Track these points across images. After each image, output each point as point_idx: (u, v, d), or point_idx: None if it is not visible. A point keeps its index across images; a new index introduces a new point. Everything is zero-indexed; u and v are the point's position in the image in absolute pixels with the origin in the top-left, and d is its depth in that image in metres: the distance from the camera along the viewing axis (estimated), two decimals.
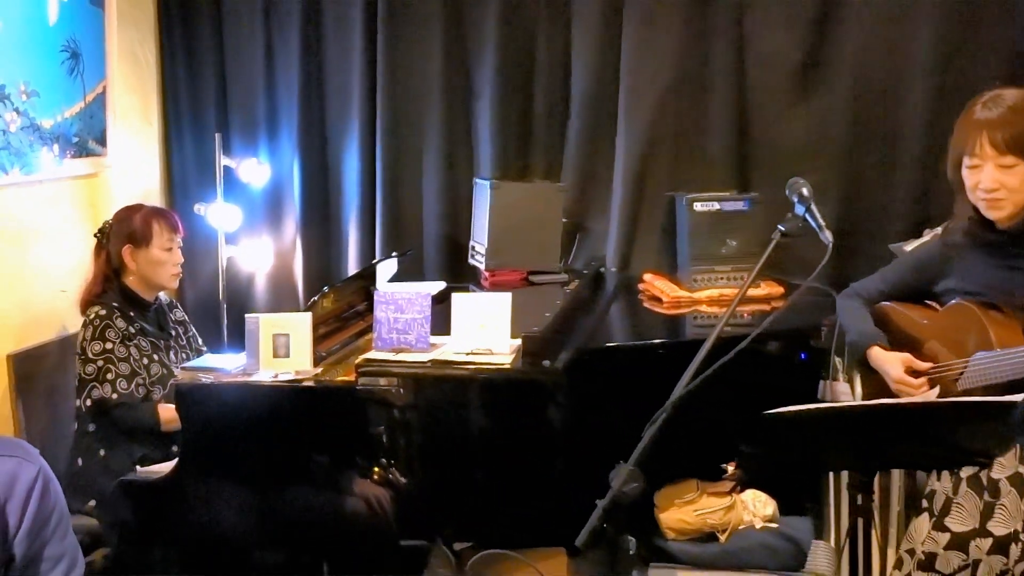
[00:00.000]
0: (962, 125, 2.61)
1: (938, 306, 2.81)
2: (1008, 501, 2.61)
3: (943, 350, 2.67)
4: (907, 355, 2.73)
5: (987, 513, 2.64)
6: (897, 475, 3.60)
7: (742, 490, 3.18)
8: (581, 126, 4.25)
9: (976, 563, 2.63)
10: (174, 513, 2.98)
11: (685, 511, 3.16)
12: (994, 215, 2.59)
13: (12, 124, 3.54)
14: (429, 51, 4.30)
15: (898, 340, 2.79)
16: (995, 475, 2.62)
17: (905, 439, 2.19)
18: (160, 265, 3.49)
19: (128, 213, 3.54)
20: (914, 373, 2.70)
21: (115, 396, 3.32)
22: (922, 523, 2.75)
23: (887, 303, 2.90)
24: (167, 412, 3.31)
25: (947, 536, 2.68)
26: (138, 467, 3.10)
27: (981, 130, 2.54)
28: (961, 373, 2.60)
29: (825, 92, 4.11)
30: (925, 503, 2.77)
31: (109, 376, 3.32)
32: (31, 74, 3.62)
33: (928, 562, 2.70)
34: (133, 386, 3.35)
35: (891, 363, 2.73)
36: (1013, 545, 2.60)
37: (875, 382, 2.83)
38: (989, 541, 2.63)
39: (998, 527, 2.62)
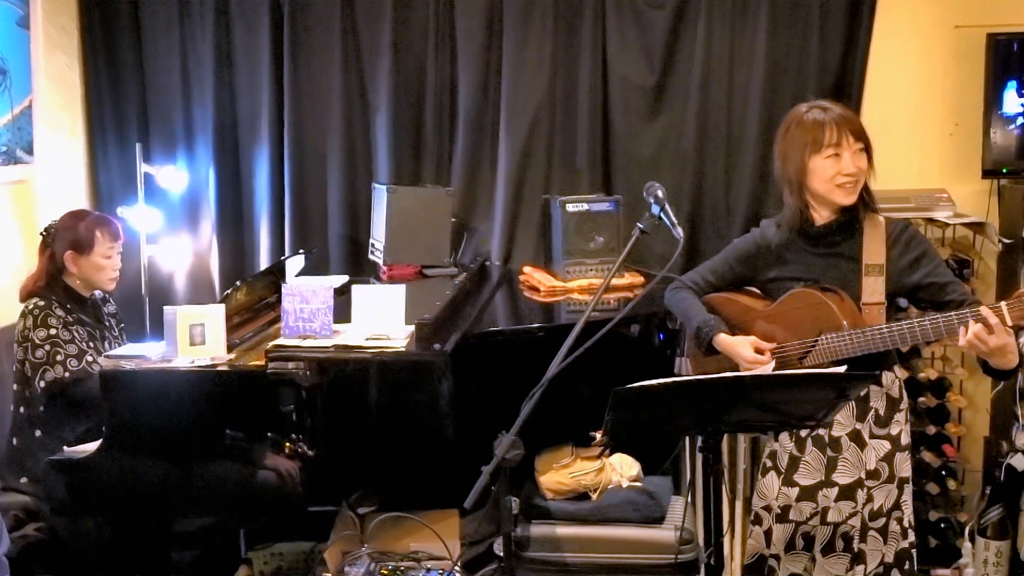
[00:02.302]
0: (807, 127, 2.60)
1: (760, 292, 2.81)
2: (849, 454, 2.66)
3: (779, 332, 2.68)
4: (753, 337, 2.71)
5: (831, 466, 2.68)
6: (743, 438, 3.66)
7: (610, 454, 3.18)
8: (467, 137, 4.21)
9: (825, 510, 2.68)
10: (99, 487, 2.86)
11: (561, 474, 3.15)
12: (848, 200, 2.60)
13: None
14: (330, 70, 4.21)
15: (736, 325, 2.78)
16: (835, 433, 2.66)
17: (740, 407, 2.21)
18: (101, 270, 3.35)
19: (74, 220, 3.37)
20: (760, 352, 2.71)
21: (67, 375, 3.17)
22: (771, 481, 2.76)
23: (716, 294, 2.86)
24: None
25: (796, 490, 2.70)
26: (66, 447, 2.97)
27: (841, 125, 2.57)
28: (808, 351, 2.62)
29: (675, 110, 4.16)
30: (769, 462, 2.79)
31: (59, 357, 3.17)
32: None
33: (784, 514, 2.73)
34: (83, 363, 3.19)
35: (741, 345, 2.69)
36: (859, 490, 2.65)
37: (709, 365, 2.80)
38: (835, 490, 2.67)
39: (842, 477, 2.66)
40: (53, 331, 3.20)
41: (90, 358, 3.22)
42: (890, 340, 2.49)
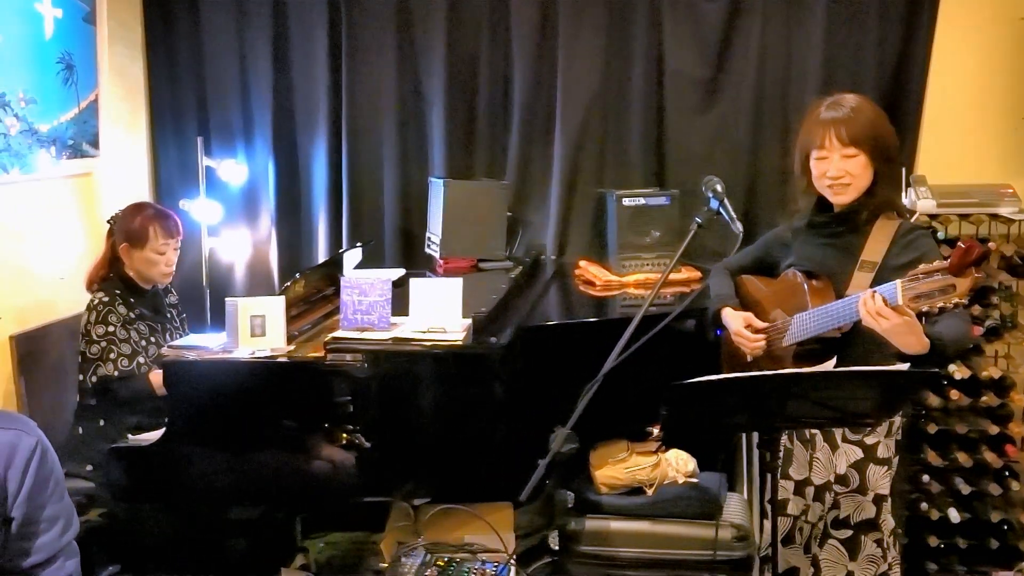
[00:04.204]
0: (809, 124, 2.65)
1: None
2: (822, 455, 2.64)
3: (779, 313, 2.71)
4: (749, 314, 2.77)
5: (809, 464, 2.67)
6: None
7: (666, 449, 3.18)
8: (521, 131, 4.22)
9: (807, 508, 2.66)
10: (161, 475, 2.92)
11: (617, 468, 3.15)
12: (840, 199, 2.62)
13: (12, 128, 3.42)
14: (386, 64, 4.23)
15: (748, 304, 2.85)
16: (813, 430, 2.65)
17: (795, 403, 2.20)
18: (153, 265, 3.39)
19: (133, 213, 3.42)
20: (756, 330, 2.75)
21: (116, 373, 3.23)
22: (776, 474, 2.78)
23: (745, 275, 2.94)
24: (158, 377, 3.24)
25: (791, 483, 2.71)
26: (129, 435, 3.03)
27: (828, 126, 2.57)
28: (786, 331, 2.64)
29: (729, 102, 4.13)
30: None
31: (112, 355, 3.24)
32: (29, 83, 3.50)
33: (782, 507, 2.72)
34: (134, 365, 3.26)
35: (734, 319, 2.79)
36: (827, 494, 2.63)
37: (729, 343, 2.87)
38: (812, 489, 2.66)
39: (816, 477, 2.66)
40: (112, 328, 3.26)
41: (141, 359, 3.29)
42: (826, 320, 2.49)
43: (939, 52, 3.95)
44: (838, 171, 2.57)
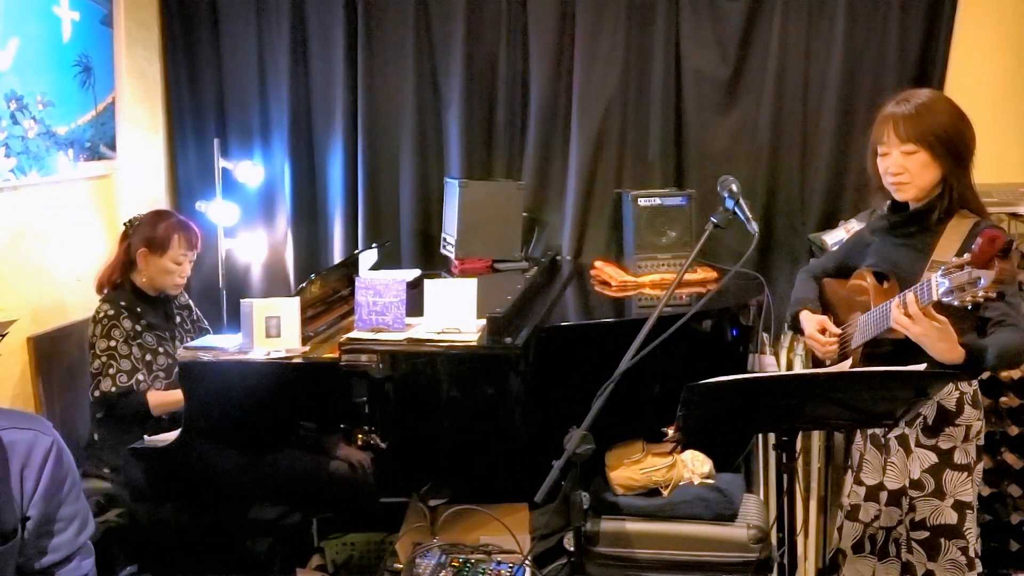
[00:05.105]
0: (878, 119, 2.63)
1: None
2: (897, 459, 2.62)
3: (855, 314, 2.70)
4: (825, 318, 2.77)
5: (884, 469, 2.65)
6: (817, 436, 3.61)
7: (682, 450, 3.16)
8: (538, 132, 4.22)
9: (880, 513, 2.64)
10: (176, 475, 2.94)
11: (632, 469, 3.14)
12: (902, 196, 2.60)
13: (30, 131, 3.45)
14: (403, 66, 4.25)
15: (828, 307, 2.86)
16: (889, 434, 2.63)
17: (815, 404, 2.19)
18: (168, 274, 3.41)
19: (155, 218, 3.44)
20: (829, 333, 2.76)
21: (114, 389, 3.25)
22: (848, 479, 2.78)
23: (827, 279, 2.93)
24: (156, 397, 3.27)
25: (863, 489, 2.69)
26: (146, 436, 3.05)
27: (889, 122, 2.56)
28: (853, 332, 2.64)
29: (749, 102, 4.12)
30: (850, 459, 2.78)
31: (111, 371, 3.26)
32: (47, 86, 3.53)
33: (853, 513, 2.71)
34: (132, 381, 3.27)
35: (808, 322, 2.78)
36: (903, 499, 2.61)
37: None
38: (885, 494, 2.64)
39: (891, 482, 2.63)
40: (113, 343, 3.28)
41: (141, 376, 3.30)
42: (881, 321, 2.49)
43: (959, 49, 3.93)
44: (897, 167, 2.54)
